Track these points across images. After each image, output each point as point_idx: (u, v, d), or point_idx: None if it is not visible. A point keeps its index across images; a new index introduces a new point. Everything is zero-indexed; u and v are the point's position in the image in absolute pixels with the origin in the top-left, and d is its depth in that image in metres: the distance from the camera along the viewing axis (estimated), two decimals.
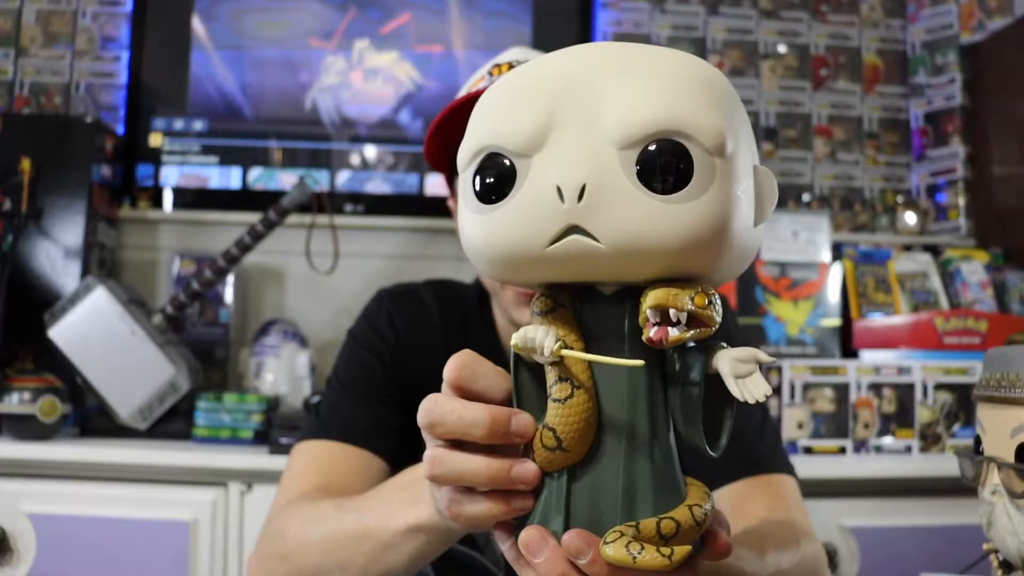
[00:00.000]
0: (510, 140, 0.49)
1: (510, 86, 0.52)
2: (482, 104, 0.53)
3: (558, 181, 0.48)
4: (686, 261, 0.49)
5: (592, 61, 0.50)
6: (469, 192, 0.52)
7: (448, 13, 2.46)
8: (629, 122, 0.47)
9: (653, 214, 0.47)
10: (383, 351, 1.11)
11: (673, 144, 0.47)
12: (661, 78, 0.49)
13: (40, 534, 1.64)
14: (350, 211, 2.35)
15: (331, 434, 1.02)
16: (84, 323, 1.82)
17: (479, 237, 0.52)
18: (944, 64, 2.58)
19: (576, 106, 0.49)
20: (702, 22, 2.62)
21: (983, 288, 2.19)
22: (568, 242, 0.48)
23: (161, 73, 2.41)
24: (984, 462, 0.77)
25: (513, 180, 0.50)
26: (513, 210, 0.50)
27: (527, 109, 0.49)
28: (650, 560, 0.47)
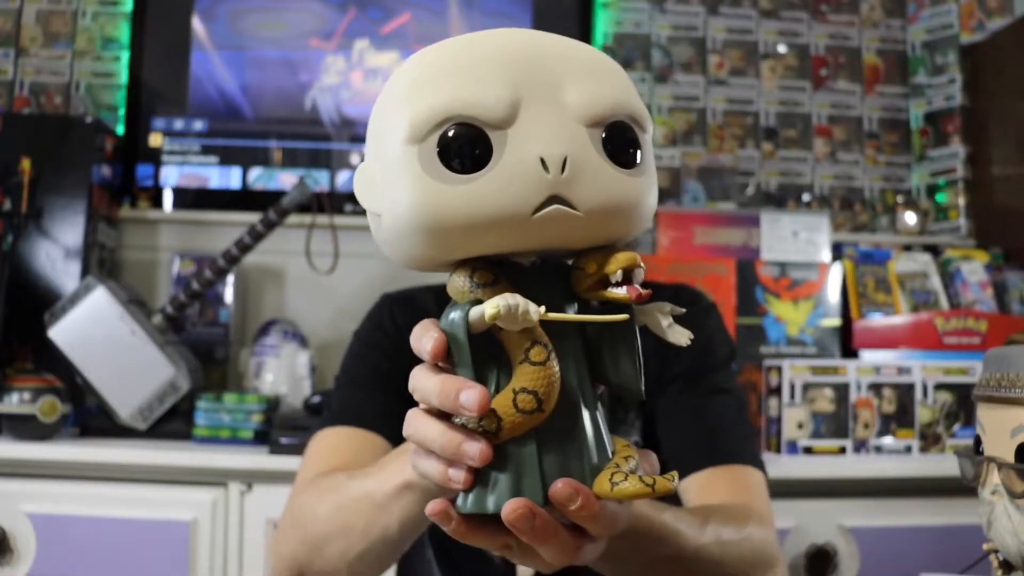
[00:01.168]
0: (484, 111, 0.51)
1: (465, 58, 0.53)
2: (429, 72, 0.54)
3: (541, 153, 0.51)
4: (632, 226, 0.56)
5: (540, 46, 0.55)
6: (431, 161, 0.52)
7: (448, 13, 2.46)
8: (594, 104, 0.53)
9: (620, 184, 0.54)
10: (388, 347, 1.15)
11: (626, 125, 0.55)
12: (603, 68, 0.56)
13: (40, 534, 1.64)
14: (350, 211, 2.34)
15: (343, 420, 1.06)
16: (84, 323, 1.82)
17: (448, 206, 0.52)
18: (944, 64, 2.58)
19: (537, 86, 0.53)
20: (702, 22, 2.62)
21: (983, 288, 2.19)
22: (551, 211, 0.52)
23: (161, 73, 2.41)
24: (984, 462, 0.77)
25: (489, 151, 0.52)
26: (495, 180, 0.51)
27: (496, 82, 0.52)
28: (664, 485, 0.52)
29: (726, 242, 2.02)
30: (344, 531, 0.82)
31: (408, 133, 0.53)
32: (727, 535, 0.87)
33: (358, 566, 0.84)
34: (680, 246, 2.01)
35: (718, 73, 2.62)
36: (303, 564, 0.88)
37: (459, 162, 0.52)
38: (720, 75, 2.62)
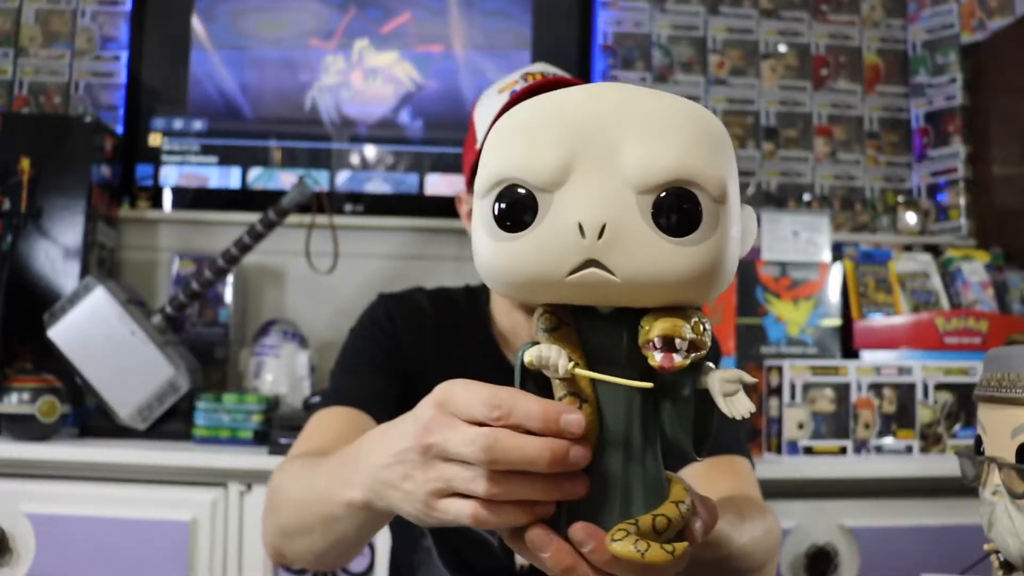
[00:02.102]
0: (533, 175, 0.53)
1: (532, 119, 0.55)
2: (501, 132, 0.57)
3: (580, 219, 0.53)
4: (689, 294, 0.56)
5: (609, 105, 0.54)
6: (488, 219, 0.55)
7: (448, 13, 2.46)
8: (648, 170, 0.52)
9: (665, 254, 0.53)
10: (383, 341, 1.18)
11: (685, 192, 0.53)
12: (675, 129, 0.54)
13: (39, 534, 1.64)
14: (350, 211, 2.34)
15: (337, 401, 1.10)
16: (83, 323, 1.82)
17: (498, 263, 0.56)
18: (945, 64, 2.58)
19: (595, 148, 0.53)
20: (702, 22, 2.62)
21: (984, 288, 2.18)
22: (586, 274, 0.54)
23: (161, 73, 2.41)
24: (985, 462, 0.77)
25: (535, 212, 0.54)
26: (535, 242, 0.54)
27: (550, 146, 0.53)
28: (656, 555, 0.53)
29: None
30: (306, 529, 0.83)
31: (477, 189, 0.57)
32: (758, 532, 0.92)
33: (324, 559, 0.88)
34: None
35: (718, 73, 2.61)
36: (279, 545, 0.92)
37: (507, 221, 0.54)
38: (720, 75, 2.61)
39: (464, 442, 0.56)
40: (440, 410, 0.59)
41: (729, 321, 1.91)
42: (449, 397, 0.59)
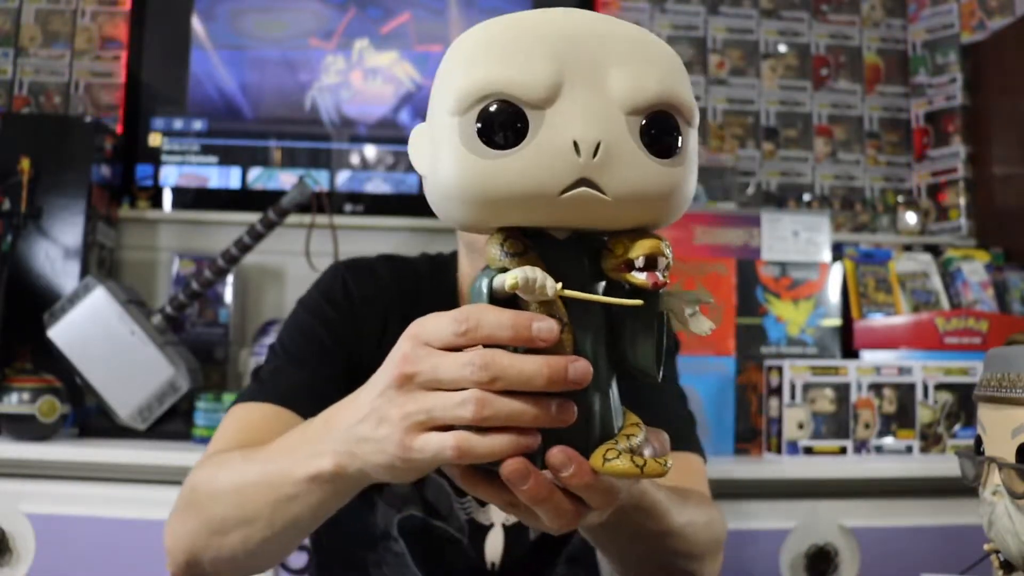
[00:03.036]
0: (525, 90, 0.52)
1: (514, 34, 0.54)
2: (477, 46, 0.55)
3: (575, 136, 0.52)
4: (668, 214, 0.57)
5: (590, 26, 0.55)
6: (470, 134, 0.54)
7: (448, 13, 2.46)
8: (637, 92, 0.54)
9: (652, 174, 0.54)
10: (333, 317, 1.08)
11: (668, 115, 0.55)
12: (654, 55, 0.56)
13: (39, 534, 1.64)
14: (349, 211, 2.34)
15: (263, 396, 0.99)
16: (83, 323, 1.82)
17: (480, 181, 0.54)
18: (945, 64, 2.58)
19: (583, 67, 0.53)
20: (702, 21, 2.62)
21: (984, 288, 2.18)
22: (578, 192, 0.53)
23: (160, 73, 2.41)
24: (985, 462, 0.77)
25: (526, 129, 0.53)
26: (527, 158, 0.53)
27: (540, 61, 0.53)
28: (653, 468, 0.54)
29: (726, 242, 2.01)
30: (246, 519, 0.76)
31: (452, 105, 0.54)
32: (699, 518, 0.91)
33: (260, 554, 0.80)
34: (680, 246, 2.00)
35: (718, 73, 2.61)
36: (199, 549, 0.82)
37: (495, 138, 0.53)
38: (720, 75, 2.61)
39: (458, 364, 0.55)
40: (416, 342, 0.58)
41: (729, 321, 1.91)
42: (421, 329, 0.58)
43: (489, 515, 1.09)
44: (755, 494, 1.72)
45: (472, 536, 1.08)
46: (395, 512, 1.07)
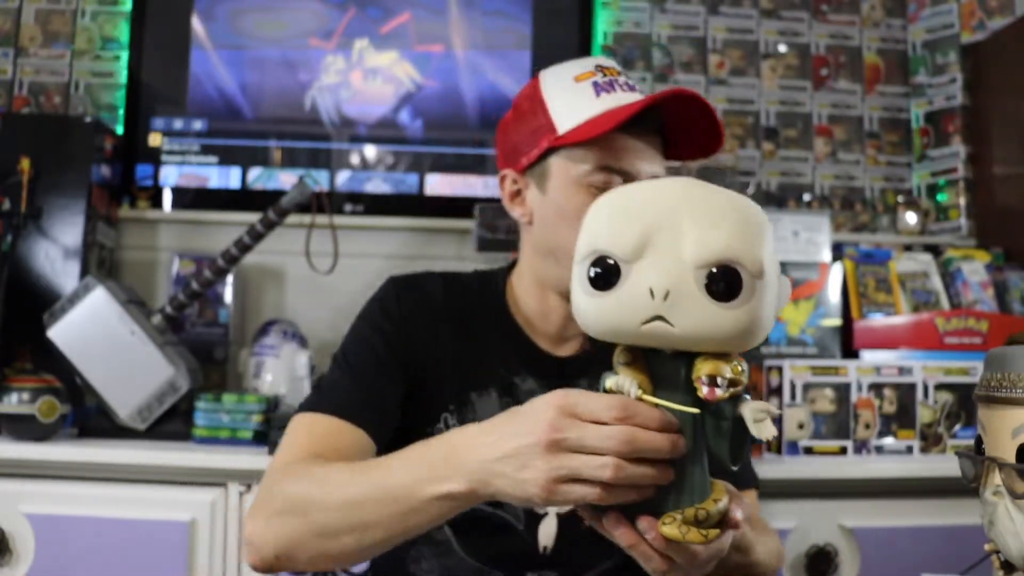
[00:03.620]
0: (618, 251, 0.72)
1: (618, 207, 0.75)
2: (598, 214, 0.76)
3: (651, 285, 0.70)
4: (731, 344, 0.73)
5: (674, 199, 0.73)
6: (584, 279, 0.74)
7: (448, 13, 2.46)
8: (702, 252, 0.70)
9: (713, 314, 0.71)
10: (389, 330, 1.14)
11: (730, 269, 0.70)
12: (723, 220, 0.72)
13: (39, 535, 1.64)
14: (349, 211, 2.34)
15: (326, 408, 1.06)
16: (83, 323, 1.82)
17: (591, 312, 0.75)
18: (945, 64, 2.58)
19: (664, 232, 0.71)
20: (702, 21, 2.62)
21: (984, 288, 2.18)
22: (653, 326, 0.71)
23: (160, 73, 2.41)
24: (985, 462, 0.77)
25: (618, 277, 0.72)
26: (617, 300, 0.72)
27: (632, 230, 0.72)
28: (693, 537, 0.73)
29: None
30: (362, 526, 0.87)
31: (577, 256, 0.76)
32: (772, 547, 1.05)
33: (372, 551, 0.91)
34: None
35: (718, 73, 2.61)
36: (299, 549, 0.91)
37: (599, 283, 0.73)
38: (720, 75, 2.61)
39: (603, 436, 0.72)
40: (563, 412, 0.74)
41: None
42: (574, 404, 0.74)
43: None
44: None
45: (528, 523, 1.12)
46: None
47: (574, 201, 1.08)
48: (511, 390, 1.14)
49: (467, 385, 1.13)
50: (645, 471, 0.73)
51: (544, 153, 1.12)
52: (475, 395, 1.13)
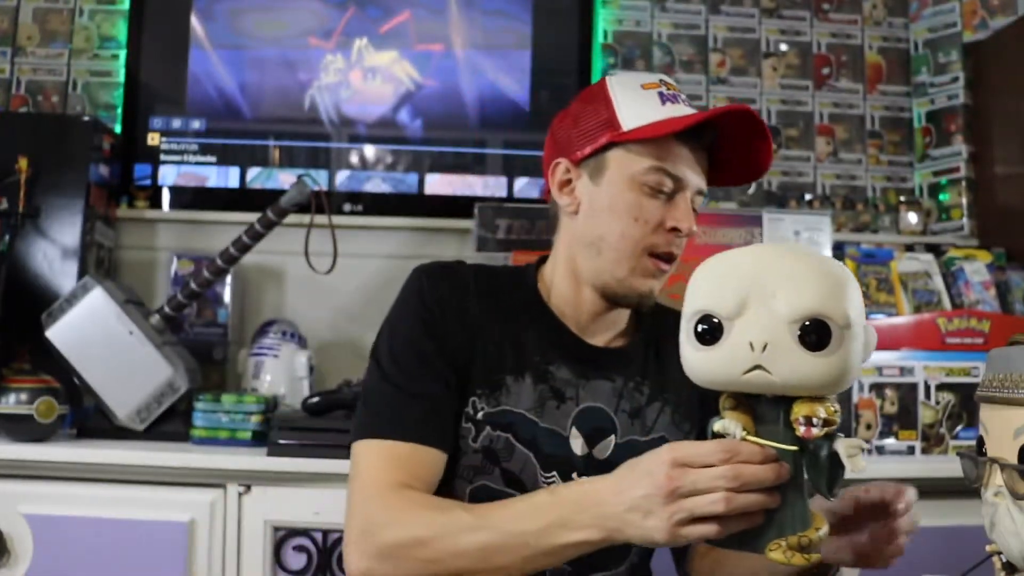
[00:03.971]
0: (720, 310, 0.83)
1: (718, 271, 0.86)
2: (703, 278, 0.86)
3: (751, 339, 0.81)
4: (823, 388, 0.82)
5: (768, 264, 0.83)
6: (691, 335, 0.85)
7: (448, 12, 2.46)
8: (794, 310, 0.80)
9: (807, 363, 0.80)
10: (428, 320, 1.14)
11: (820, 322, 0.80)
12: (812, 280, 0.81)
13: (37, 535, 1.63)
14: (349, 211, 2.34)
15: (394, 434, 1.07)
16: (82, 323, 1.82)
17: (698, 364, 0.86)
18: (947, 63, 2.57)
19: (760, 293, 0.81)
20: (703, 20, 2.61)
21: (986, 288, 2.18)
22: (754, 375, 0.81)
23: (159, 72, 2.41)
24: (987, 463, 0.77)
25: (721, 333, 0.83)
26: (721, 353, 0.83)
27: (731, 292, 0.82)
28: (797, 561, 0.82)
29: (728, 242, 2.01)
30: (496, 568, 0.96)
31: (685, 314, 0.87)
32: None
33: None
34: None
35: (719, 72, 2.61)
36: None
37: (704, 338, 0.84)
38: (721, 73, 2.61)
39: (713, 477, 0.82)
40: (674, 464, 0.84)
41: None
42: (684, 456, 0.84)
43: None
44: None
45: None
46: (467, 484, 1.12)
47: (626, 196, 1.13)
48: (546, 377, 1.15)
49: (502, 369, 1.14)
50: (754, 498, 0.83)
51: (603, 147, 1.14)
52: (510, 379, 1.13)
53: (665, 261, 1.15)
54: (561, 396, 1.14)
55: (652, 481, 0.86)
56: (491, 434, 1.11)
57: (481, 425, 1.11)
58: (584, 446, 1.14)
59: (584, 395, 1.16)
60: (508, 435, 1.11)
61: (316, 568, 1.67)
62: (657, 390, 1.21)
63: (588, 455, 1.14)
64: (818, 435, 0.82)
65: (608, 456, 1.15)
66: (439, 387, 1.11)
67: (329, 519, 1.67)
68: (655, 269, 1.15)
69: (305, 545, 1.68)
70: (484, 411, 1.11)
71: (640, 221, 1.12)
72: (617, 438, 1.16)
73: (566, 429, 1.14)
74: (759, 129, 1.13)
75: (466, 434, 1.11)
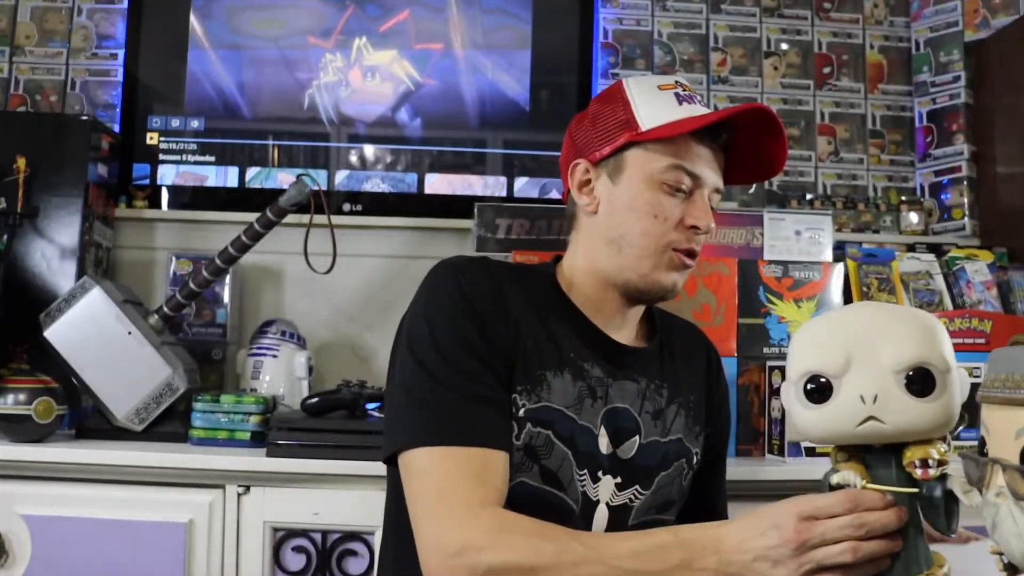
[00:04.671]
0: (828, 370, 0.89)
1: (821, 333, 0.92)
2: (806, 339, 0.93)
3: (861, 392, 0.87)
4: (933, 432, 0.88)
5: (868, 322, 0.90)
6: (801, 395, 0.91)
7: (447, 11, 2.45)
8: (899, 361, 0.86)
9: (917, 408, 0.86)
10: (470, 309, 1.10)
11: (924, 369, 0.86)
12: (910, 332, 0.88)
13: (35, 536, 1.63)
14: (348, 210, 2.34)
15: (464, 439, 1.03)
16: (80, 323, 1.81)
17: (810, 423, 0.91)
18: (948, 62, 2.57)
19: (864, 349, 0.88)
20: (704, 19, 2.61)
21: (987, 288, 2.17)
22: (867, 426, 0.87)
23: (158, 71, 2.40)
24: (988, 464, 0.77)
25: (831, 391, 0.89)
26: (833, 409, 0.89)
27: (837, 351, 0.89)
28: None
29: (728, 242, 2.00)
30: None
31: (793, 377, 0.93)
32: None
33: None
34: None
35: (720, 71, 2.60)
36: None
37: (814, 398, 0.90)
38: (722, 72, 2.61)
39: (841, 526, 0.87)
40: (800, 518, 0.89)
41: (731, 321, 1.90)
42: (812, 510, 0.89)
43: (598, 492, 1.14)
44: (757, 496, 1.70)
45: (583, 509, 1.13)
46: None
47: (645, 195, 1.14)
48: (583, 375, 1.14)
49: (543, 364, 1.12)
50: (879, 545, 0.87)
51: (622, 147, 1.16)
52: (550, 375, 1.12)
53: (688, 256, 1.16)
54: (594, 394, 1.15)
55: (780, 534, 0.90)
56: (532, 431, 1.09)
57: (523, 422, 1.09)
58: (609, 445, 1.15)
59: (613, 394, 1.16)
60: (548, 432, 1.10)
61: (315, 569, 1.67)
62: (673, 392, 1.23)
63: (612, 454, 1.15)
64: (934, 476, 0.87)
65: (632, 456, 1.16)
66: (496, 385, 1.08)
67: (328, 520, 1.66)
68: (679, 263, 1.16)
69: (304, 546, 1.67)
70: (526, 407, 1.09)
71: (660, 219, 1.13)
72: (641, 439, 1.17)
73: (597, 427, 1.14)
74: (775, 127, 1.16)
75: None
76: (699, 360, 1.32)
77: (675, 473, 1.20)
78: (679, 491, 1.22)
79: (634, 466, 1.14)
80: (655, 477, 1.18)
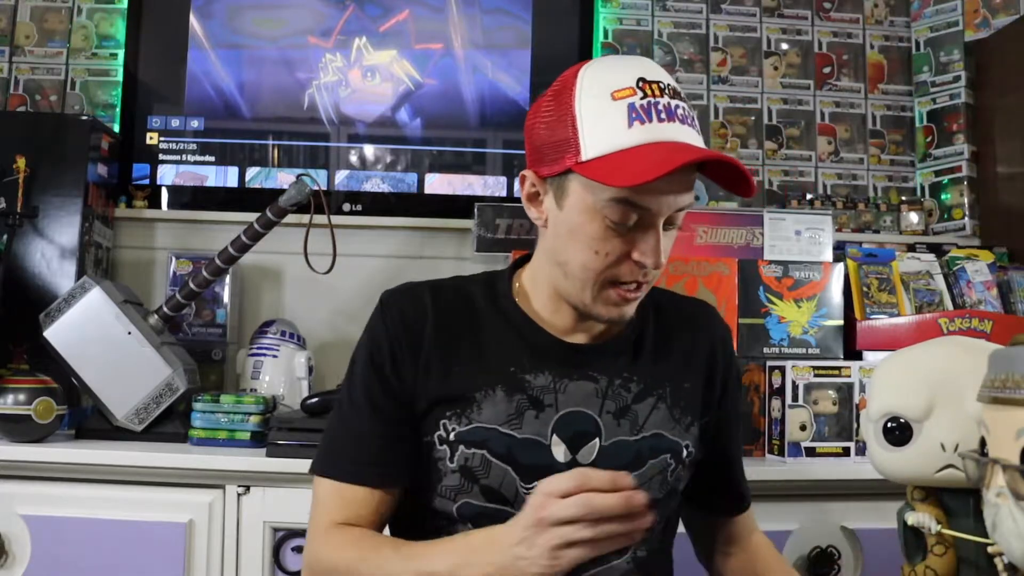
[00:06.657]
0: (910, 413, 0.94)
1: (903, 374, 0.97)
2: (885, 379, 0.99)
3: (943, 440, 0.91)
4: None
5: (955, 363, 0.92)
6: (880, 435, 0.97)
7: (447, 11, 2.45)
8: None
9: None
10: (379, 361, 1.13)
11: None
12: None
13: (35, 536, 1.63)
14: (348, 210, 2.34)
15: (341, 476, 1.12)
16: (80, 324, 1.81)
17: (889, 464, 0.97)
18: (948, 62, 2.57)
19: (948, 393, 0.91)
20: (704, 19, 2.61)
21: (988, 288, 2.17)
22: (946, 472, 0.92)
23: (157, 71, 2.40)
24: (989, 464, 0.76)
25: (911, 434, 0.93)
26: (913, 453, 0.93)
27: (920, 395, 0.93)
28: None
29: (728, 242, 2.00)
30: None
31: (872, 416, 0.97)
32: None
33: None
34: (682, 246, 1.99)
35: (720, 70, 2.60)
36: None
37: (893, 440, 0.95)
38: (722, 72, 2.60)
39: (567, 506, 0.90)
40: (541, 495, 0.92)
41: (731, 321, 1.90)
42: (544, 487, 0.93)
43: None
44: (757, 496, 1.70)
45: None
46: (451, 503, 1.11)
47: (588, 228, 1.03)
48: (522, 387, 1.10)
49: (471, 386, 1.10)
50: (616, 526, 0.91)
51: (565, 171, 1.05)
52: (479, 395, 1.10)
53: (634, 290, 1.06)
54: (540, 404, 1.10)
55: (527, 513, 0.94)
56: (465, 453, 1.08)
57: (455, 445, 1.08)
58: (567, 452, 1.10)
59: (564, 400, 1.11)
60: (483, 451, 1.08)
61: None
62: (650, 385, 1.14)
63: (572, 461, 1.10)
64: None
65: (594, 460, 1.10)
66: (383, 426, 1.11)
67: None
68: (619, 299, 1.07)
69: (304, 546, 1.67)
70: (456, 431, 1.08)
71: (601, 254, 1.03)
72: (602, 440, 1.11)
73: (547, 437, 1.09)
74: (738, 174, 1.02)
75: (443, 456, 1.09)
76: (701, 342, 1.21)
77: (653, 471, 1.12)
78: (664, 487, 1.14)
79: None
80: None
